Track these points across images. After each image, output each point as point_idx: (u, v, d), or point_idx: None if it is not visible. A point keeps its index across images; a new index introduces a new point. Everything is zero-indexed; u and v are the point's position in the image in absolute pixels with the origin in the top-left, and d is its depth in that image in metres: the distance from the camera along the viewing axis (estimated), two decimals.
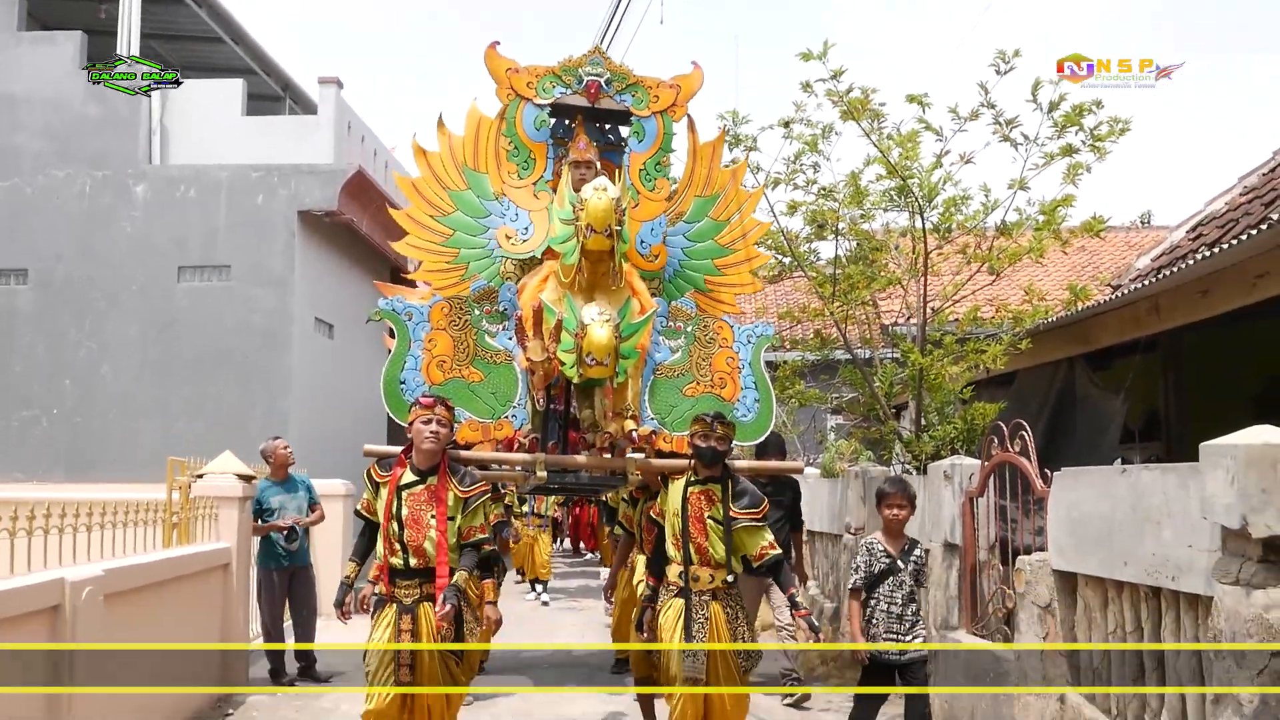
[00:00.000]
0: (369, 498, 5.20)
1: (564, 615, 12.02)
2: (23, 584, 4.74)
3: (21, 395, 13.69)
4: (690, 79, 6.41)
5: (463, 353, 6.00)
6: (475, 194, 6.35)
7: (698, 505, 5.38)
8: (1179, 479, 4.46)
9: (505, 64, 6.21)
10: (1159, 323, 7.62)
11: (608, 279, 5.63)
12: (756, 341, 6.30)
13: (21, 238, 13.80)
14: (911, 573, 5.58)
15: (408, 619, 4.92)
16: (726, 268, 6.67)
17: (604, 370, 5.34)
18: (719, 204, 6.61)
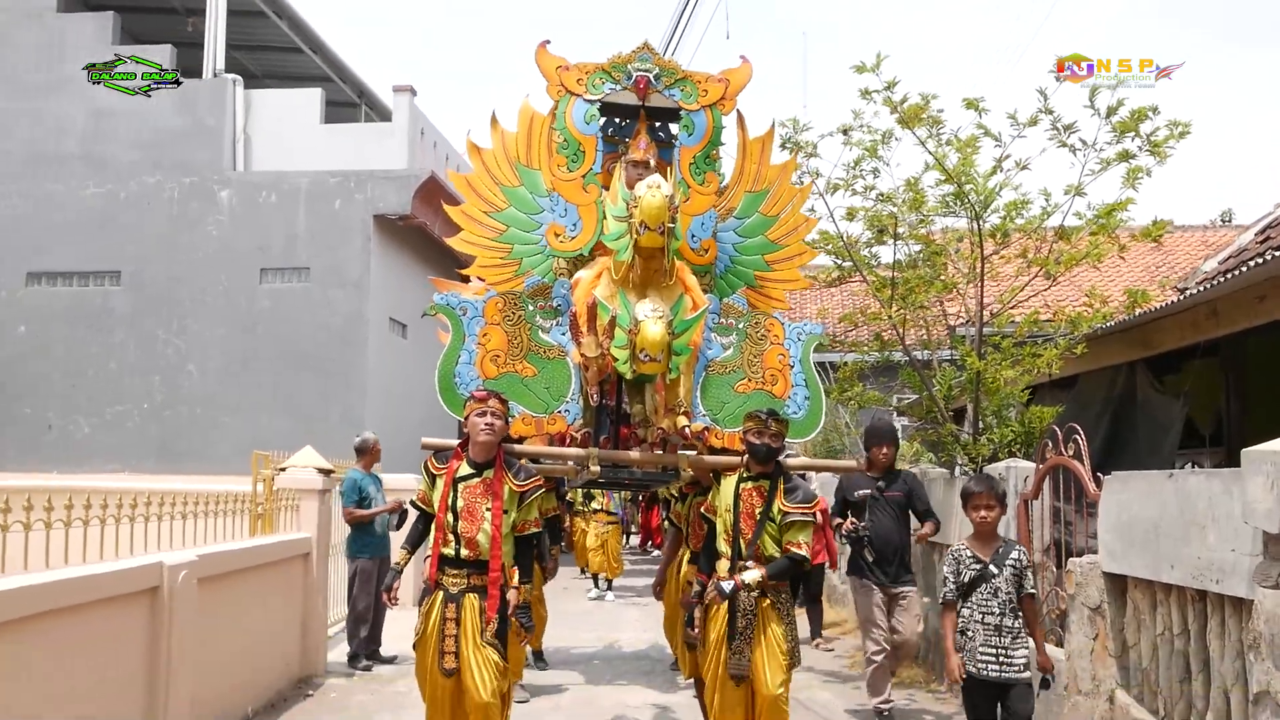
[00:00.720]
0: (425, 489, 5.30)
1: (626, 611, 12.15)
2: (126, 566, 5.10)
3: (115, 391, 14.32)
4: (739, 73, 6.35)
5: (516, 348, 5.96)
6: (528, 190, 6.40)
7: (749, 502, 5.41)
8: (1223, 484, 4.55)
9: (555, 61, 6.22)
10: (1217, 327, 7.61)
11: (660, 275, 5.62)
12: (806, 339, 6.27)
13: (115, 241, 14.44)
14: (1010, 578, 4.98)
15: (453, 606, 4.99)
16: (776, 263, 6.67)
17: (657, 366, 5.31)
18: (769, 199, 6.60)
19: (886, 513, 6.90)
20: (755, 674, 5.26)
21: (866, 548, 6.79)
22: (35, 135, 14.83)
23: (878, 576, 6.83)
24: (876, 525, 6.86)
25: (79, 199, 14.61)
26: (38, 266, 14.71)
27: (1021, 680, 4.91)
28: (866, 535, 6.79)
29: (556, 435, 6.08)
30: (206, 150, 14.53)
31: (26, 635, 4.22)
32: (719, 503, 5.55)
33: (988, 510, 5.04)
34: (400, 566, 5.32)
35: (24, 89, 14.84)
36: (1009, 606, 4.95)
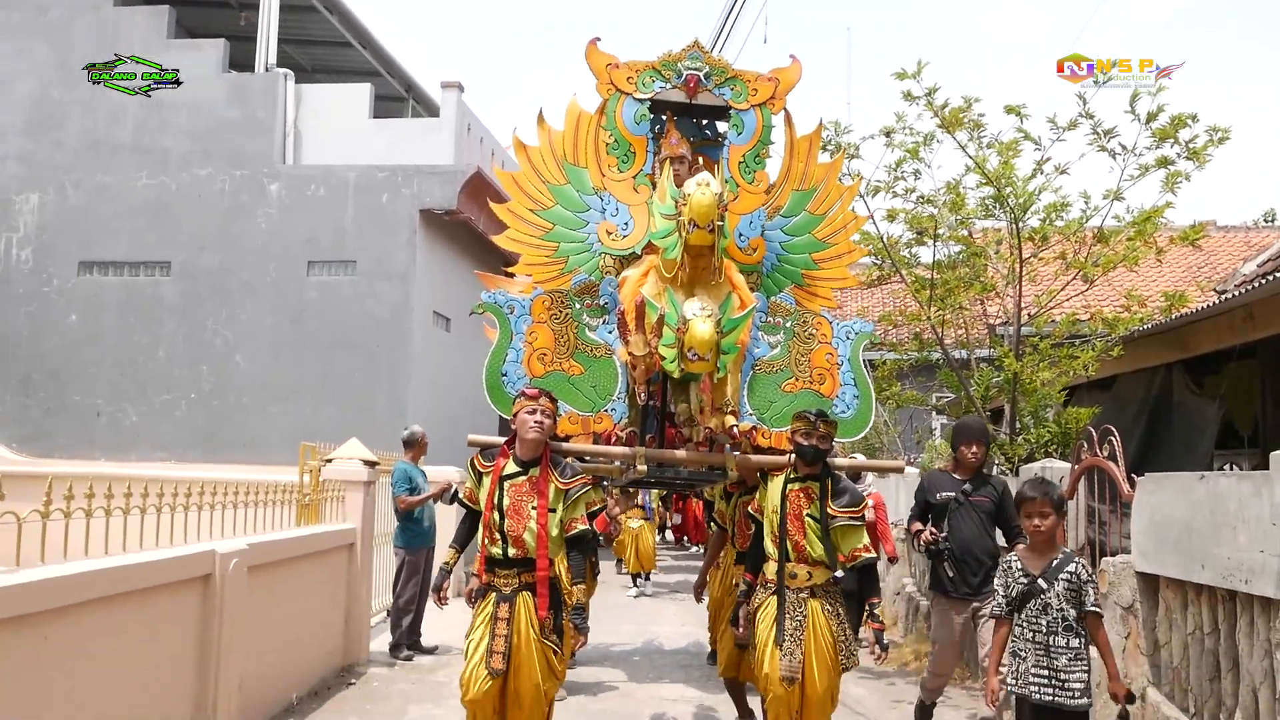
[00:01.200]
0: (471, 486, 5.23)
1: (663, 606, 12.20)
2: (181, 554, 5.25)
3: (163, 380, 14.63)
4: (788, 72, 6.31)
5: (563, 346, 5.96)
6: (575, 188, 6.35)
7: (796, 503, 5.35)
8: (1253, 486, 4.62)
9: (605, 59, 6.19)
10: (1254, 330, 7.62)
11: (709, 274, 5.59)
12: (855, 338, 6.21)
13: (166, 232, 14.75)
14: (1063, 593, 4.50)
15: (505, 607, 4.92)
16: (824, 262, 6.61)
17: (705, 365, 5.26)
18: (816, 198, 6.55)
19: (970, 520, 6.19)
20: (805, 675, 5.19)
21: (946, 560, 6.14)
22: (90, 126, 15.17)
23: (959, 589, 6.11)
24: (957, 533, 6.16)
25: (131, 190, 14.94)
26: (89, 256, 15.06)
27: (1080, 708, 4.46)
28: (946, 548, 6.12)
29: (603, 434, 6.09)
30: (257, 143, 14.80)
31: (87, 619, 4.36)
32: (766, 503, 5.50)
33: (1041, 518, 4.57)
34: (449, 566, 5.27)
35: (80, 79, 15.14)
36: (1062, 624, 4.49)
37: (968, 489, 6.23)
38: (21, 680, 3.93)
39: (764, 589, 5.40)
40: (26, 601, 3.91)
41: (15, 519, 4.15)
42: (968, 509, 6.21)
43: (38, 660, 4.05)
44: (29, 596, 3.92)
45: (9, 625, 3.80)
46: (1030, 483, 4.87)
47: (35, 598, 3.95)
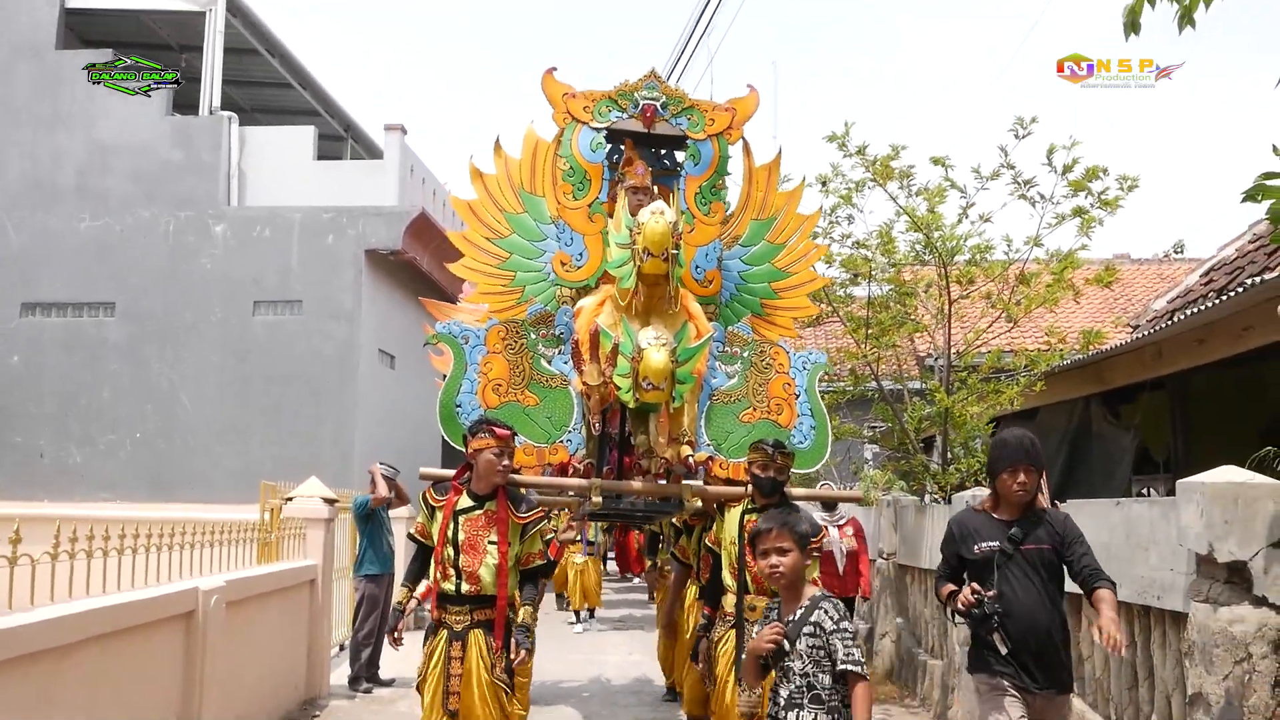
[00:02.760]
0: (423, 521, 5.10)
1: (610, 640, 12.09)
2: (168, 591, 5.47)
3: (108, 420, 14.63)
4: (746, 102, 6.28)
5: (519, 376, 5.87)
6: (532, 217, 6.26)
7: None
8: (1162, 511, 5.11)
9: (561, 88, 6.13)
10: (1162, 366, 8.24)
11: (664, 303, 5.52)
12: (811, 368, 6.17)
13: (111, 273, 14.78)
14: (807, 653, 3.48)
15: (457, 645, 4.80)
16: (784, 291, 6.55)
17: (660, 395, 5.19)
18: (775, 226, 6.51)
19: (1025, 578, 4.49)
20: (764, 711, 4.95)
21: (996, 631, 4.35)
22: (32, 168, 15.17)
23: (1020, 678, 4.37)
24: (1008, 601, 4.40)
25: (75, 231, 14.96)
26: (31, 297, 15.02)
27: None
28: (996, 611, 4.33)
29: (558, 465, 6.01)
30: (202, 185, 14.93)
31: (86, 656, 4.55)
32: (723, 535, 5.45)
33: (779, 555, 3.61)
34: (402, 605, 5.20)
35: (22, 122, 15.20)
36: (808, 696, 3.43)
37: (1016, 535, 4.53)
38: (27, 716, 4.14)
39: (723, 622, 5.33)
40: (34, 640, 4.14)
41: (8, 561, 4.33)
42: (1019, 563, 4.53)
43: (46, 696, 4.27)
44: (37, 635, 4.14)
45: (17, 664, 4.02)
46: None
47: (44, 635, 4.18)
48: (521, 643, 4.84)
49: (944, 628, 8.11)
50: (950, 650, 8.01)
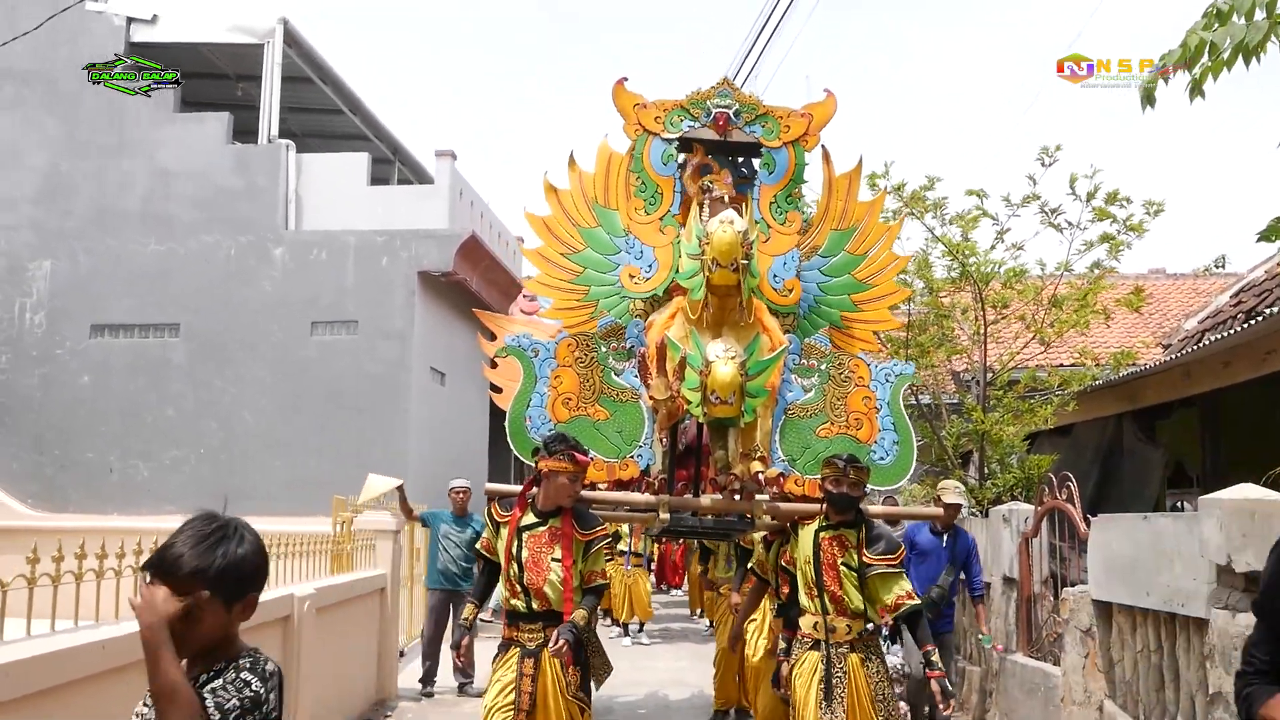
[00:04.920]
0: (489, 536, 5.09)
1: (660, 655, 12.19)
2: (269, 597, 6.00)
3: (172, 436, 15.24)
4: (823, 107, 6.11)
5: (589, 390, 5.78)
6: (605, 231, 6.18)
7: (830, 552, 5.13)
8: (1186, 525, 5.50)
9: (632, 99, 6.05)
10: (1191, 386, 8.60)
11: (736, 314, 5.40)
12: (896, 380, 5.95)
13: (174, 295, 15.41)
14: None
15: (530, 663, 4.74)
16: (864, 303, 6.37)
17: (729, 409, 5.01)
18: (855, 237, 6.32)
19: None
20: None
21: None
22: (100, 195, 15.83)
23: None
24: None
25: (141, 255, 15.59)
26: (100, 319, 15.65)
27: None
28: None
29: (628, 481, 5.93)
30: (261, 210, 15.52)
31: None
32: (798, 554, 5.32)
33: None
34: (469, 621, 5.17)
35: (90, 152, 15.88)
36: None
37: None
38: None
39: (800, 644, 5.19)
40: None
41: (114, 574, 4.66)
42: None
43: None
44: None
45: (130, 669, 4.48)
46: None
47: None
48: (563, 634, 4.63)
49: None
50: (988, 657, 8.40)
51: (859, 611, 5.06)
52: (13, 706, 3.26)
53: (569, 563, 4.82)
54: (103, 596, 4.23)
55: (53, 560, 3.73)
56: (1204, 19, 3.54)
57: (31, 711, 3.40)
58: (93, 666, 3.80)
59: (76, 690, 3.72)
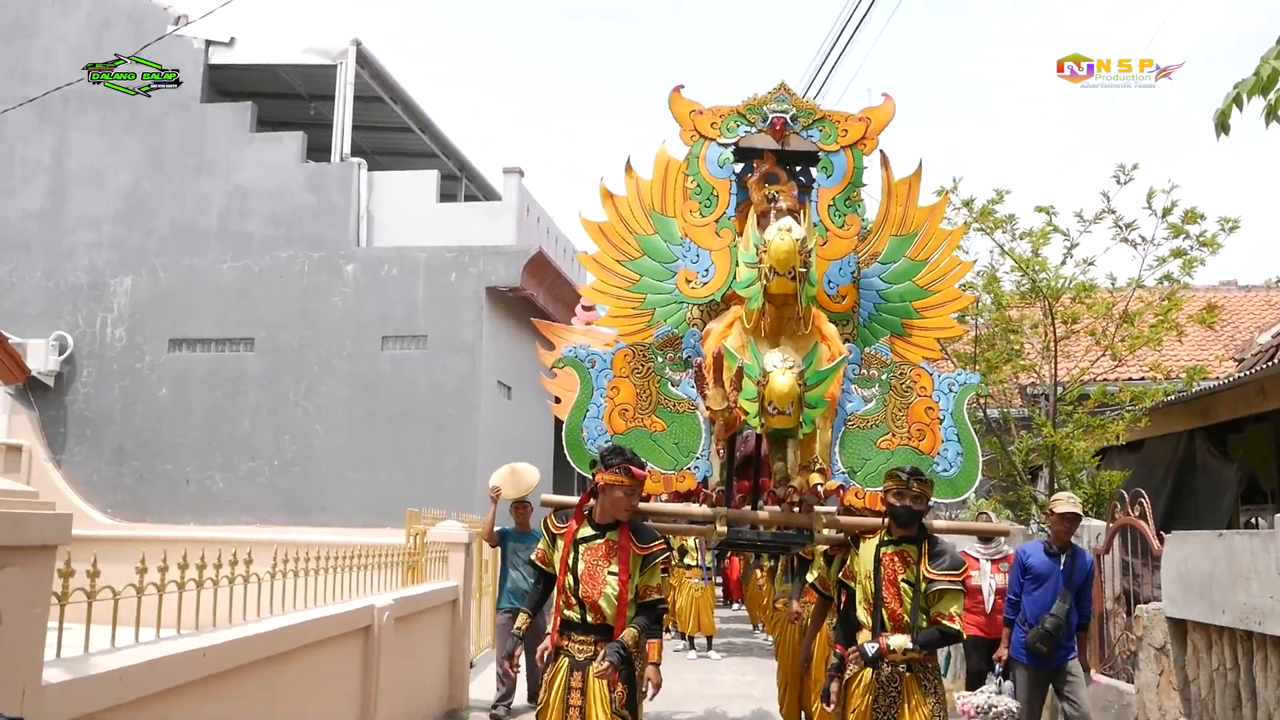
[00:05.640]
0: (545, 548, 5.07)
1: (722, 664, 12.37)
2: (353, 608, 6.19)
3: (248, 448, 15.63)
4: (881, 111, 6.05)
5: (645, 401, 5.72)
6: (662, 238, 6.14)
7: (891, 568, 5.04)
8: (1262, 542, 5.49)
9: (689, 106, 6.02)
10: (1266, 402, 8.50)
11: (794, 324, 5.33)
12: (960, 390, 5.81)
13: (250, 310, 15.84)
14: None
15: (579, 675, 4.70)
16: (926, 310, 6.22)
17: (788, 420, 4.93)
18: (916, 243, 6.20)
19: None
20: None
21: None
22: (178, 214, 16.32)
23: None
24: None
25: (217, 272, 16.04)
26: (178, 334, 16.11)
27: None
28: None
29: (685, 493, 5.87)
30: (334, 227, 15.89)
31: (297, 661, 5.24)
32: (858, 568, 5.23)
33: None
34: (521, 632, 5.12)
35: (171, 172, 16.39)
36: None
37: None
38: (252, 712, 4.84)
39: (856, 661, 5.08)
40: (265, 647, 4.84)
41: (211, 583, 4.88)
42: None
43: (271, 693, 4.98)
44: (269, 642, 4.86)
45: (248, 669, 4.71)
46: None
47: (272, 643, 4.89)
48: (609, 655, 4.61)
49: None
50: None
51: (919, 630, 4.97)
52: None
53: (625, 577, 4.78)
54: (188, 605, 4.29)
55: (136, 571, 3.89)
56: (1277, 45, 3.58)
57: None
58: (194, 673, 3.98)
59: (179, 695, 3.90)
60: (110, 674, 3.38)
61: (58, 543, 2.92)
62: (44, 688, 2.98)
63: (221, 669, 4.21)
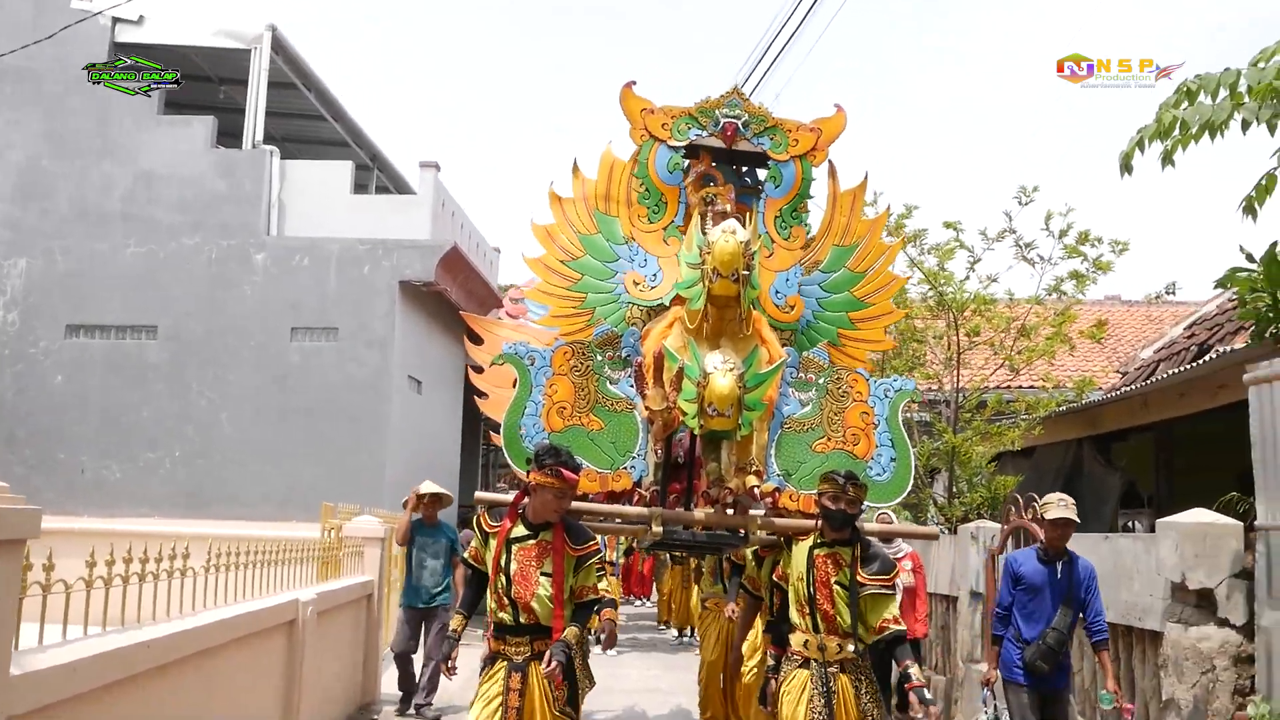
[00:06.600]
0: (478, 546, 5.05)
1: (626, 659, 12.54)
2: (278, 602, 6.24)
3: (149, 438, 15.30)
4: (832, 122, 6.04)
5: (583, 399, 5.65)
6: (605, 237, 6.09)
7: (824, 570, 5.08)
8: (1144, 545, 5.96)
9: (640, 104, 5.94)
10: (1149, 414, 9.09)
11: (735, 326, 5.33)
12: (895, 396, 5.83)
13: (154, 298, 15.49)
14: None
15: (517, 677, 4.70)
16: (861, 322, 6.28)
17: (726, 422, 4.95)
18: (857, 254, 6.21)
19: None
20: None
21: None
22: (79, 195, 15.85)
23: None
24: None
25: (120, 257, 15.63)
26: (76, 320, 15.66)
27: None
28: None
29: (620, 493, 5.81)
30: (244, 215, 15.64)
31: (220, 658, 5.18)
32: (791, 570, 5.27)
33: None
34: (456, 634, 5.09)
35: (72, 152, 15.95)
36: None
37: None
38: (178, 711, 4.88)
39: (790, 661, 5.16)
40: (196, 641, 4.88)
41: (152, 577, 4.85)
42: None
43: (208, 686, 5.04)
44: (205, 635, 4.91)
45: (186, 662, 4.76)
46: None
47: (208, 636, 4.95)
48: (555, 654, 4.61)
49: (946, 646, 8.91)
50: (953, 667, 8.81)
51: (849, 631, 5.01)
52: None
53: (560, 579, 4.75)
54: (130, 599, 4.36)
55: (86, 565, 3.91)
56: (1175, 95, 3.96)
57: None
58: (139, 666, 4.05)
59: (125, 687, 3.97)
60: (65, 666, 3.44)
61: (27, 536, 3.00)
62: (10, 680, 3.05)
63: (164, 662, 4.28)
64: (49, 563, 3.49)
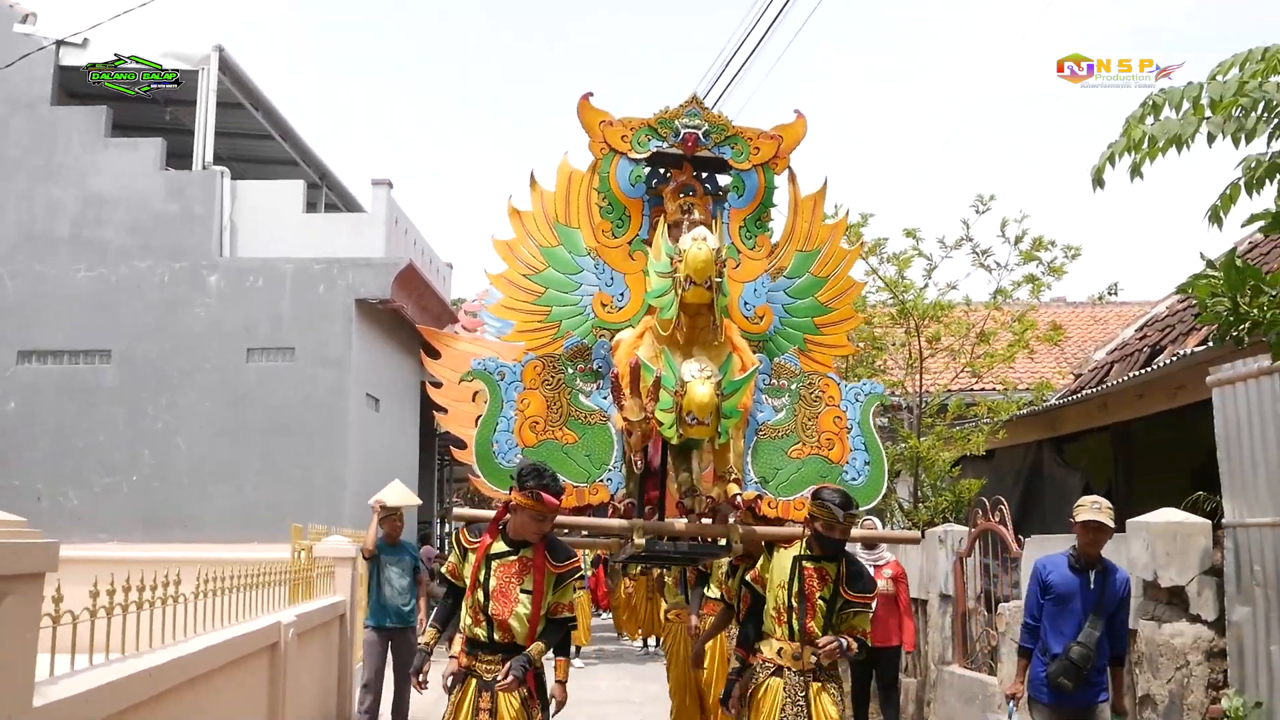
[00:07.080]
0: (455, 561, 5.00)
1: (597, 670, 12.73)
2: (261, 625, 6.26)
3: (104, 463, 15.09)
4: (793, 129, 5.95)
5: (556, 413, 5.56)
6: (566, 249, 5.96)
7: (811, 584, 5.09)
8: (1114, 544, 6.12)
9: (598, 116, 5.82)
10: (1106, 416, 9.34)
11: (708, 333, 5.31)
12: (866, 400, 5.82)
13: (106, 321, 15.28)
14: None
15: (487, 696, 4.63)
16: (826, 327, 6.20)
17: (705, 430, 4.92)
18: (820, 260, 6.15)
19: None
20: None
21: None
22: (28, 220, 15.63)
23: None
24: None
25: (71, 281, 15.41)
26: (27, 345, 15.43)
27: None
28: None
29: (598, 506, 5.64)
30: (196, 236, 15.49)
31: (211, 682, 5.23)
32: (771, 577, 5.25)
33: None
34: (429, 647, 5.04)
35: (17, 175, 15.69)
36: None
37: None
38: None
39: (763, 668, 5.15)
40: (189, 668, 4.89)
41: (149, 605, 4.96)
42: None
43: (202, 712, 5.03)
44: (199, 660, 4.91)
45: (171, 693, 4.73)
46: None
47: (202, 661, 4.95)
48: (514, 668, 4.60)
49: (917, 649, 9.07)
50: (924, 669, 8.98)
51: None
52: None
53: (539, 596, 4.72)
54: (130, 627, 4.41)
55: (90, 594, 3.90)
56: (1141, 109, 4.13)
57: None
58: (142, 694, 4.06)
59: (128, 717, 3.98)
60: (79, 696, 3.45)
61: (47, 570, 3.00)
62: (34, 712, 3.05)
63: (163, 689, 4.28)
64: (58, 594, 3.50)
